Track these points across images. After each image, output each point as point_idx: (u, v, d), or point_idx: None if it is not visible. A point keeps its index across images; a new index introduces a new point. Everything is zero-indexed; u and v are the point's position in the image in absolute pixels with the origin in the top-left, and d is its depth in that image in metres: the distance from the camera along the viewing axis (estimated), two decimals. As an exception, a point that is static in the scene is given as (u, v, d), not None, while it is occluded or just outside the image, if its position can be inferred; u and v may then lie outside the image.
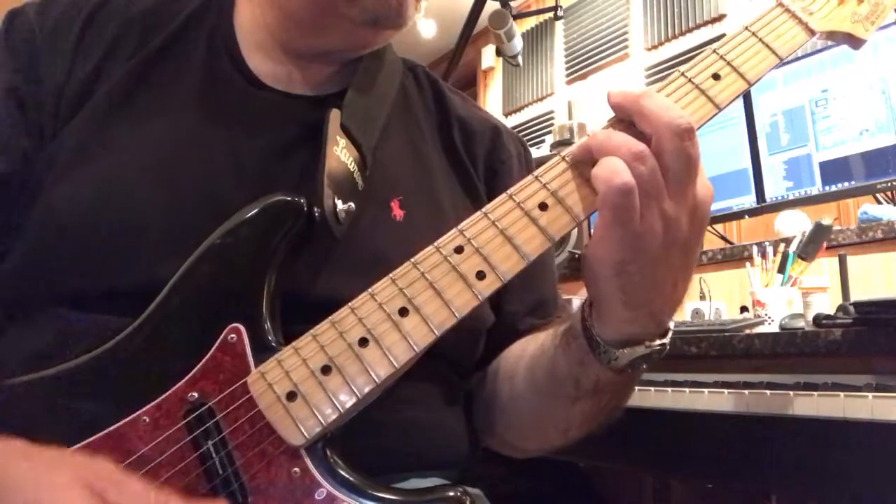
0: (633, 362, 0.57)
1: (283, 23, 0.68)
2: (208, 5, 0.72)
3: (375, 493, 0.51)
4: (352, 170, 0.63)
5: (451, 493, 0.52)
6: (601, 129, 0.54)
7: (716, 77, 0.56)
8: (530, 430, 0.72)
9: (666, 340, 0.57)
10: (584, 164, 0.54)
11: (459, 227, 0.54)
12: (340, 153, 0.62)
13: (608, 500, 1.72)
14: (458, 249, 0.53)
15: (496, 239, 0.53)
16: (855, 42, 0.61)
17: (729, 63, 0.56)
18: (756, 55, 0.57)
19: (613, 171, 0.49)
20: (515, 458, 0.77)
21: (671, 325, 0.58)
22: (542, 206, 0.54)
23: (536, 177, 0.54)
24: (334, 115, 0.64)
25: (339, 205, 0.60)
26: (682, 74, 0.56)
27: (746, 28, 0.58)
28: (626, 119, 0.53)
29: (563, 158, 0.55)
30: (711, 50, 0.57)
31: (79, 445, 0.51)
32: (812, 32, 0.59)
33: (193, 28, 0.70)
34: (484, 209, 0.54)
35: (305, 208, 0.58)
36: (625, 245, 0.51)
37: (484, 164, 0.77)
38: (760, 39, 0.57)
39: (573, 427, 0.67)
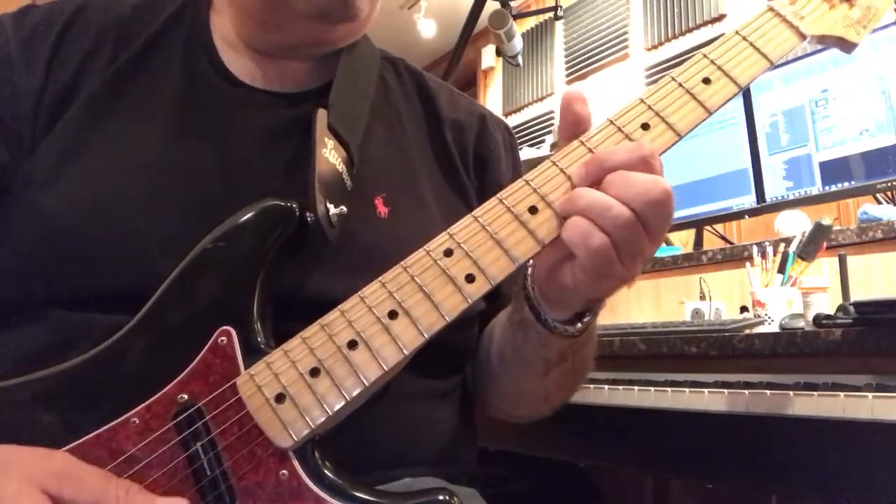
0: (588, 323, 0.60)
1: (244, 21, 0.69)
2: (183, 10, 0.72)
3: (362, 497, 0.51)
4: (340, 171, 0.63)
5: (441, 496, 0.52)
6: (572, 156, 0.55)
7: (706, 81, 0.56)
8: (515, 401, 0.75)
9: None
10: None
11: (449, 230, 0.54)
12: (329, 155, 0.62)
13: (608, 500, 1.72)
14: (448, 253, 0.54)
15: (486, 242, 0.53)
16: (846, 46, 0.61)
17: (719, 67, 0.56)
18: (747, 59, 0.57)
19: (585, 234, 0.51)
20: (516, 455, 0.78)
21: None
22: (532, 210, 0.54)
23: (527, 181, 0.55)
24: (321, 116, 0.64)
25: (332, 209, 0.60)
26: (673, 79, 0.56)
27: (737, 32, 0.58)
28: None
29: (554, 163, 0.55)
30: (702, 55, 0.57)
31: (68, 447, 0.51)
32: (803, 36, 0.59)
33: (170, 33, 0.71)
34: (473, 213, 0.55)
35: (297, 213, 0.58)
36: (604, 287, 0.55)
37: (473, 153, 0.78)
38: (751, 44, 0.57)
39: (552, 393, 0.70)
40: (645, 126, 0.55)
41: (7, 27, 0.67)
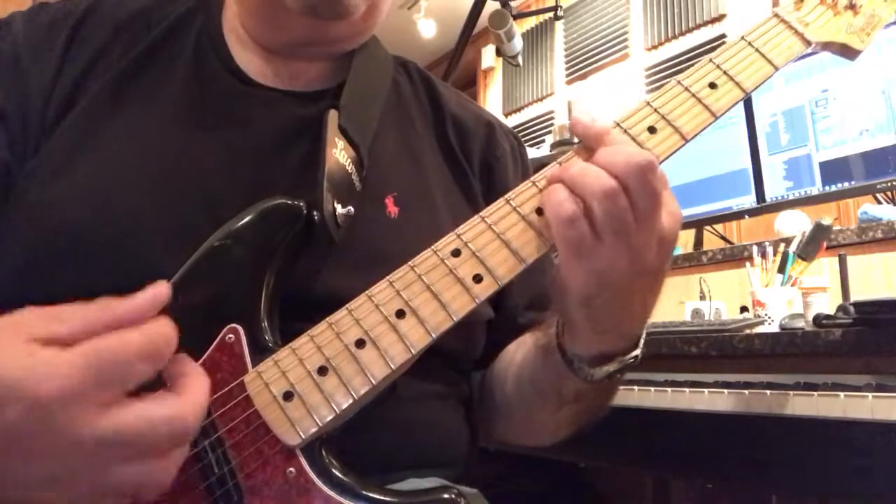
0: (610, 375, 0.59)
1: (249, 18, 0.69)
2: (196, 8, 0.72)
3: (369, 495, 0.51)
4: (350, 171, 0.63)
5: (446, 495, 0.52)
6: (570, 156, 0.55)
7: (712, 86, 0.56)
8: (522, 430, 0.74)
9: (637, 352, 0.59)
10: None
11: (457, 230, 0.55)
12: (339, 155, 0.62)
13: (608, 500, 1.72)
14: (456, 253, 0.54)
15: (493, 243, 0.54)
16: (850, 53, 0.62)
17: (725, 72, 0.57)
18: (752, 64, 0.58)
19: (558, 203, 0.50)
20: (516, 455, 0.78)
21: (643, 333, 0.60)
22: (539, 211, 0.54)
23: (533, 182, 0.55)
24: (332, 117, 0.64)
25: (339, 209, 0.60)
26: (679, 83, 0.57)
27: (743, 38, 0.59)
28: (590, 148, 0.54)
29: (560, 164, 0.55)
30: (708, 59, 0.57)
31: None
32: (808, 43, 0.60)
33: (181, 30, 0.70)
34: (481, 213, 0.55)
35: (304, 212, 0.58)
36: (589, 280, 0.52)
37: (479, 160, 0.78)
38: (757, 49, 0.58)
39: (561, 428, 0.70)
40: (651, 129, 0.55)
41: (19, 25, 0.67)
